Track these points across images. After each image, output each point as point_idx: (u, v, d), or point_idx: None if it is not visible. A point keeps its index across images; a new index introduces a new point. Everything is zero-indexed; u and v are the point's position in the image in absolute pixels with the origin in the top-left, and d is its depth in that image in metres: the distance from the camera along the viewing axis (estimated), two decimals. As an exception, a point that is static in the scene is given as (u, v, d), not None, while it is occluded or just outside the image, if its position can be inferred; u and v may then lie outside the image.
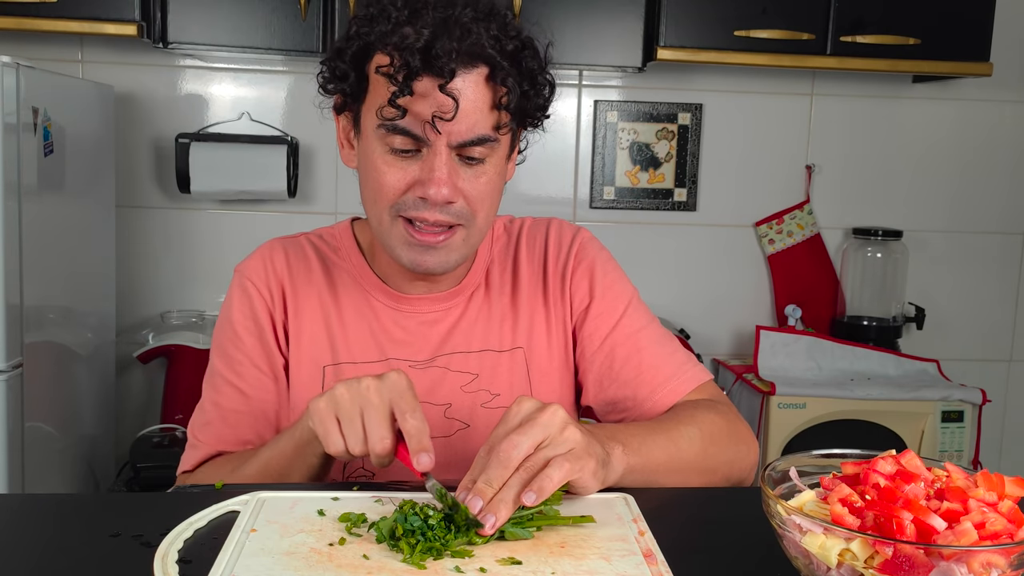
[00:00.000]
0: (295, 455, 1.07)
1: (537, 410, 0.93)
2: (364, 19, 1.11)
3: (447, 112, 1.06)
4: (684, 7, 2.33)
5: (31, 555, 0.86)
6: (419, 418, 0.95)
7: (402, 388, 0.96)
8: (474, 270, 1.28)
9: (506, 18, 1.12)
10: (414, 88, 1.05)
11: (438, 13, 1.06)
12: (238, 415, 1.21)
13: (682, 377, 1.23)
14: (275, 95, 2.58)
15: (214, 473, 1.17)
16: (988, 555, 0.69)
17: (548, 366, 1.26)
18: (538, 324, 1.27)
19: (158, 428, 2.42)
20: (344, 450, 0.97)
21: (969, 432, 2.47)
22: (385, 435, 0.95)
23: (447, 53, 1.04)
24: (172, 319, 2.53)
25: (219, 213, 2.61)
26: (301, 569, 0.81)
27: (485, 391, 1.24)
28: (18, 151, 1.85)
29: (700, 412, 1.16)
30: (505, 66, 1.08)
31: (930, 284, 2.84)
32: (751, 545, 0.89)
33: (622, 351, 1.24)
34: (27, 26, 2.16)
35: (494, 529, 0.86)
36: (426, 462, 0.93)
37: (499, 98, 1.09)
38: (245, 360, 1.23)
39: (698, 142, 2.73)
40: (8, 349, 1.85)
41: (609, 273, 1.28)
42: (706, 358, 2.73)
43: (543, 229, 1.33)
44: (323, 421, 0.97)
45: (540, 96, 1.15)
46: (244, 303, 1.24)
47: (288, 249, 1.28)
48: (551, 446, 0.91)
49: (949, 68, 2.45)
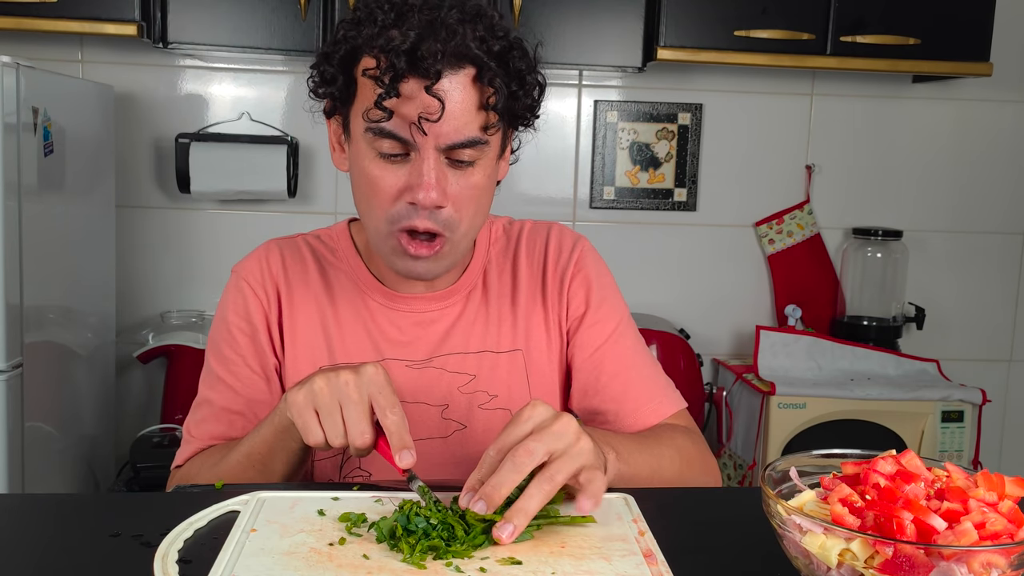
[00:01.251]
0: (275, 442, 1.08)
1: (552, 418, 0.93)
2: (351, 23, 1.11)
3: (433, 113, 1.05)
4: (684, 7, 2.33)
5: (31, 555, 0.86)
6: (399, 414, 0.96)
7: (380, 383, 0.97)
8: (471, 270, 1.28)
9: (493, 19, 1.12)
10: (400, 90, 1.05)
11: (424, 15, 1.06)
12: (230, 413, 1.23)
13: (665, 400, 1.26)
14: (275, 95, 2.58)
15: (201, 463, 1.18)
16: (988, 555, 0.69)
17: (547, 368, 1.27)
18: (537, 327, 1.27)
19: (158, 428, 2.42)
20: (323, 442, 0.98)
21: (969, 432, 2.47)
22: (365, 430, 0.96)
23: (433, 54, 1.04)
24: (172, 319, 2.53)
25: (219, 213, 2.61)
26: (301, 569, 0.81)
27: (483, 392, 1.24)
28: (18, 151, 1.85)
29: (679, 437, 1.20)
30: (492, 67, 1.08)
31: (930, 284, 2.84)
32: (751, 545, 0.89)
33: (611, 365, 1.26)
34: (27, 26, 2.16)
35: (512, 539, 0.86)
36: (408, 460, 0.94)
37: (486, 99, 1.09)
38: (238, 359, 1.24)
39: (698, 142, 2.73)
40: (8, 349, 1.85)
41: (605, 287, 1.30)
42: (706, 358, 2.73)
43: (544, 233, 1.33)
44: (301, 413, 0.98)
45: (529, 96, 1.15)
46: (239, 303, 1.25)
47: (284, 250, 1.28)
48: (565, 456, 0.91)
49: (949, 68, 2.45)
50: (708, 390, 2.64)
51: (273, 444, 1.08)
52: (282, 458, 1.09)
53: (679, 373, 2.47)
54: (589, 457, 0.92)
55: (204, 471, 1.16)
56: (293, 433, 1.05)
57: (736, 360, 2.76)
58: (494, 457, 0.91)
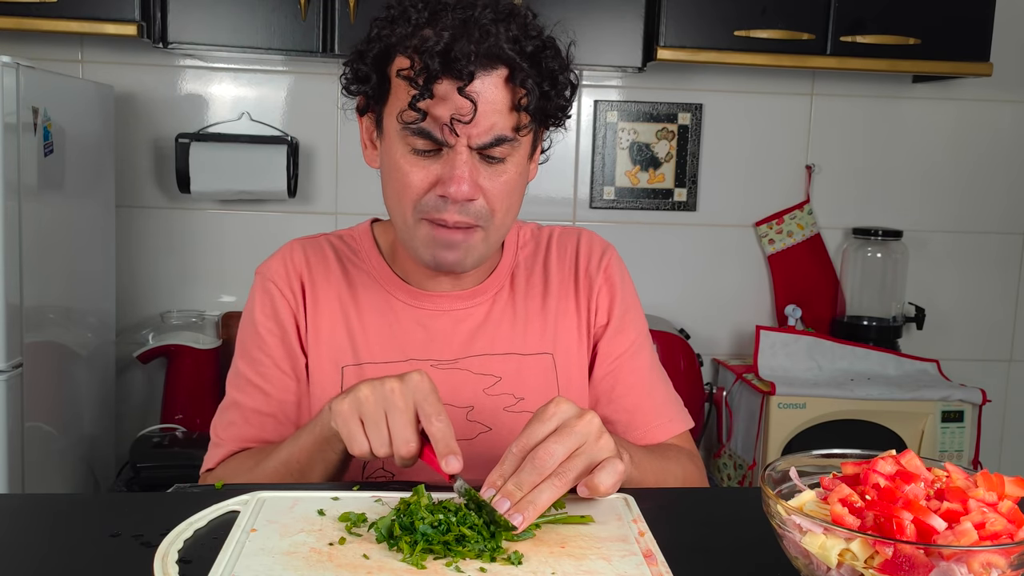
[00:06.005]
0: (315, 451, 1.07)
1: (575, 416, 0.93)
2: (385, 21, 1.12)
3: (466, 115, 1.06)
4: (684, 7, 2.33)
5: (31, 555, 0.86)
6: (445, 421, 0.95)
7: (426, 390, 0.96)
8: (498, 271, 1.28)
9: (526, 18, 1.12)
10: (434, 91, 1.06)
11: (458, 15, 1.07)
12: (260, 415, 1.22)
13: (676, 418, 1.29)
14: (275, 95, 2.58)
15: (236, 468, 1.18)
16: (988, 555, 0.69)
17: (576, 372, 1.27)
18: (569, 330, 1.28)
19: (158, 428, 2.42)
20: (368, 452, 0.98)
21: (969, 432, 2.47)
22: (411, 438, 0.96)
23: (466, 56, 1.04)
24: (172, 319, 2.53)
25: (219, 213, 2.61)
26: (301, 569, 0.81)
27: (509, 395, 1.23)
28: (18, 151, 1.85)
29: (683, 458, 1.23)
30: (524, 67, 1.08)
31: (930, 284, 2.84)
32: (751, 545, 0.89)
33: (629, 377, 1.27)
34: (27, 26, 2.16)
35: (522, 528, 0.87)
36: (455, 465, 0.93)
37: (518, 99, 1.10)
38: (268, 361, 1.23)
39: (698, 142, 2.73)
40: (8, 349, 1.85)
41: (629, 298, 1.31)
42: (706, 358, 2.73)
43: (574, 238, 1.34)
44: (347, 422, 0.98)
45: (561, 96, 1.15)
46: (266, 304, 1.25)
47: (308, 248, 1.28)
48: (586, 454, 0.92)
49: (949, 68, 2.45)
50: (708, 390, 2.64)
51: (313, 454, 1.08)
52: (321, 468, 1.08)
53: (679, 373, 2.47)
54: (609, 454, 0.93)
55: (239, 476, 1.15)
56: (334, 444, 1.04)
57: (736, 360, 2.76)
58: (516, 454, 0.91)
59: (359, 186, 2.59)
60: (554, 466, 0.90)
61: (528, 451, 0.91)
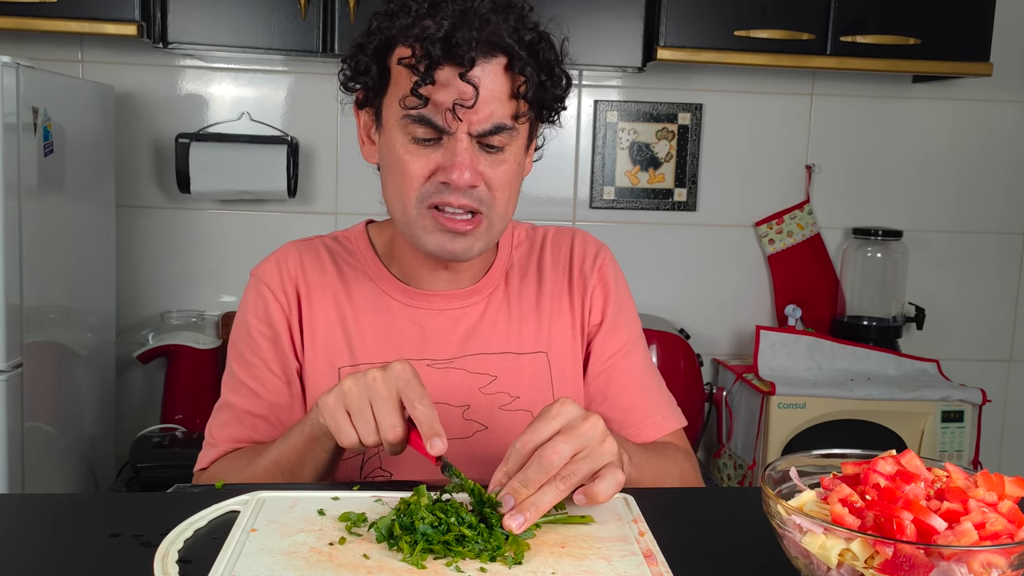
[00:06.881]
0: (305, 450, 1.08)
1: (580, 418, 0.94)
2: (385, 14, 1.14)
3: (467, 100, 1.08)
4: (684, 7, 2.33)
5: (31, 555, 0.86)
6: (427, 404, 0.96)
7: (407, 377, 0.98)
8: (493, 271, 1.29)
9: (523, 10, 1.15)
10: (436, 77, 1.07)
11: (457, 5, 1.09)
12: (252, 417, 1.23)
13: (669, 416, 1.30)
14: (275, 95, 2.58)
15: (228, 468, 1.19)
16: (988, 555, 0.69)
17: (570, 371, 1.28)
18: (563, 329, 1.28)
19: (158, 428, 2.42)
20: (357, 441, 0.99)
21: (969, 432, 2.47)
22: (396, 423, 0.97)
23: (467, 42, 1.06)
24: (172, 319, 2.53)
25: (219, 213, 2.61)
26: (301, 569, 0.81)
27: (504, 394, 1.24)
28: (18, 151, 1.85)
29: (680, 457, 1.25)
30: (523, 56, 1.11)
31: (930, 284, 2.84)
32: (751, 545, 0.89)
33: (623, 376, 1.28)
34: (27, 26, 2.16)
35: (522, 529, 0.87)
36: (439, 446, 0.94)
37: (517, 87, 1.12)
38: (260, 363, 1.24)
39: (698, 142, 2.73)
40: (8, 349, 1.85)
41: (623, 298, 1.32)
42: (706, 358, 2.73)
43: (568, 238, 1.35)
44: (334, 415, 0.99)
45: (557, 87, 1.17)
46: (259, 307, 1.26)
47: (303, 251, 1.29)
48: (589, 457, 0.92)
49: (949, 68, 2.45)
50: (708, 390, 2.64)
51: (303, 453, 1.09)
52: (311, 467, 1.10)
53: (679, 373, 2.47)
54: (611, 458, 0.93)
55: (231, 476, 1.16)
56: (324, 442, 1.06)
57: (736, 360, 2.75)
58: (520, 452, 0.92)
59: (359, 186, 2.59)
60: (560, 466, 0.90)
61: (532, 449, 0.91)
